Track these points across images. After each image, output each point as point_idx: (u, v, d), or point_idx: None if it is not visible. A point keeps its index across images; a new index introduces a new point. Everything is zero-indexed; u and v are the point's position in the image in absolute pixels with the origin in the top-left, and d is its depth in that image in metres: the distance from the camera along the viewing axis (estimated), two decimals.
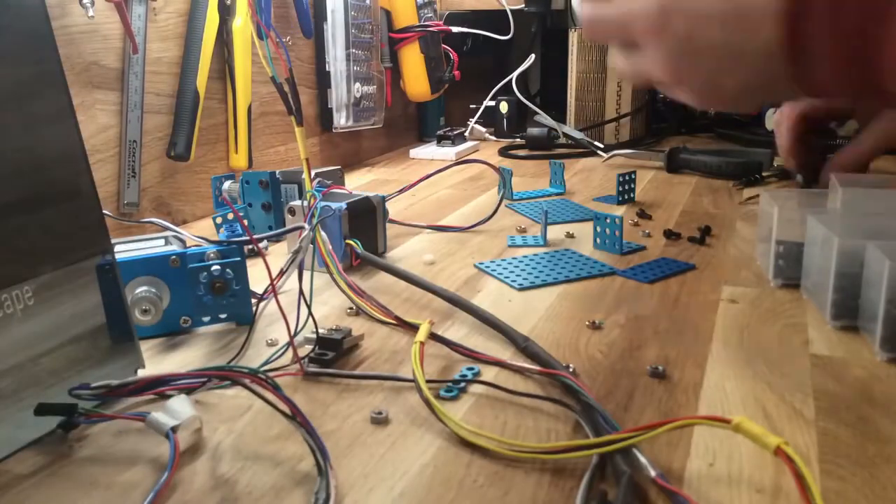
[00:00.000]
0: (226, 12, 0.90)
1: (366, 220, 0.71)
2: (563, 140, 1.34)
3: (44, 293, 0.42)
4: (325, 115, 1.16)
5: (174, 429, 0.40)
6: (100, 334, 0.46)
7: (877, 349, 0.50)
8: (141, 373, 0.48)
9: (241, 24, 0.91)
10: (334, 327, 0.52)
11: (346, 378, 0.49)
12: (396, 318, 0.55)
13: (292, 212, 0.70)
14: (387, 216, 0.76)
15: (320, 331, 0.51)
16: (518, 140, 1.41)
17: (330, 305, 0.62)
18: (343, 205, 0.68)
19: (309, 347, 0.51)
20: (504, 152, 1.32)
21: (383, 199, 0.73)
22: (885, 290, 0.48)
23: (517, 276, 0.67)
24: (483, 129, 1.47)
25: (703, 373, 0.48)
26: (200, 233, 0.86)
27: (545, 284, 0.65)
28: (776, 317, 0.57)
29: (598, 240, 0.73)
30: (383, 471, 0.39)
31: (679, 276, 0.66)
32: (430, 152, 1.32)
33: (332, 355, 0.50)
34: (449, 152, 1.30)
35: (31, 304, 0.42)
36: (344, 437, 0.42)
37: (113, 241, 0.55)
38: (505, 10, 1.42)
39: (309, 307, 0.51)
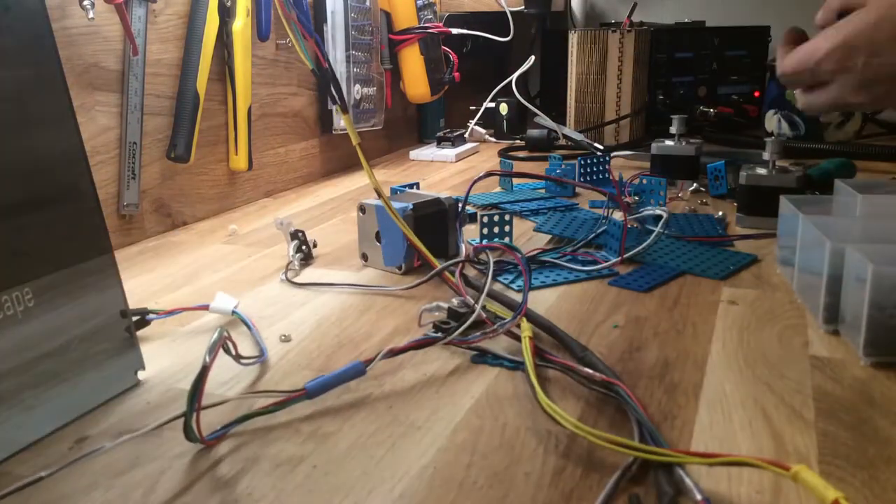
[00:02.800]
0: (226, 14, 0.90)
1: (435, 222, 0.70)
2: (562, 142, 1.34)
3: (44, 295, 0.43)
4: (325, 117, 1.16)
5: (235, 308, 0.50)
6: (100, 336, 0.46)
7: (860, 354, 0.50)
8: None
9: (241, 25, 0.91)
10: (463, 300, 0.57)
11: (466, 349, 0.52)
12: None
13: (363, 209, 0.71)
14: (464, 220, 0.73)
15: (449, 303, 0.57)
16: (518, 141, 1.41)
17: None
18: (409, 205, 0.68)
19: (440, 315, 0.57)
20: (504, 154, 1.32)
21: (457, 202, 0.71)
22: (868, 293, 0.48)
23: (516, 277, 0.67)
24: (483, 131, 1.47)
25: (703, 374, 0.48)
26: (204, 235, 0.86)
27: (544, 286, 0.65)
28: (776, 318, 0.57)
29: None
30: (383, 472, 0.39)
31: (678, 278, 0.66)
32: (430, 154, 1.32)
33: (453, 325, 0.54)
34: (449, 154, 1.30)
35: (32, 306, 0.42)
36: (343, 438, 0.42)
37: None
38: (504, 12, 1.42)
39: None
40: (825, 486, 0.34)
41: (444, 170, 1.22)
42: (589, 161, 1.03)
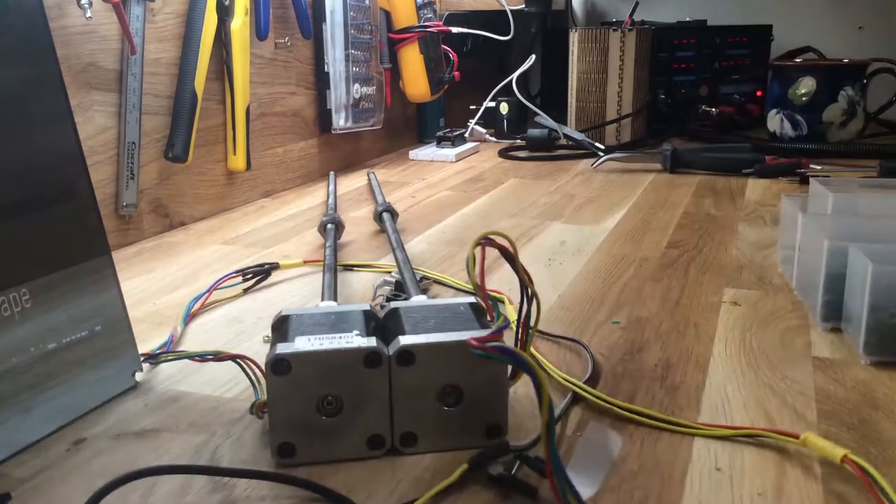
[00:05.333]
0: (224, 13, 0.90)
1: None
2: (563, 141, 1.33)
3: (41, 296, 0.42)
4: (325, 117, 1.16)
5: None
6: (97, 337, 0.46)
7: (861, 353, 0.50)
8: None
9: (240, 24, 0.91)
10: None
11: None
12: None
13: None
14: None
15: (395, 275, 0.60)
16: (518, 141, 1.41)
17: None
18: None
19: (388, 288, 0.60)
20: (504, 153, 1.32)
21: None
22: (868, 293, 0.48)
23: None
24: (483, 130, 1.47)
25: (705, 375, 0.48)
26: (202, 235, 0.85)
27: None
28: (778, 319, 0.57)
29: None
30: (382, 475, 0.38)
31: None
32: (429, 153, 1.31)
33: (404, 296, 0.57)
34: (449, 153, 1.30)
35: (29, 307, 0.42)
36: None
37: None
38: (505, 11, 1.42)
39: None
40: (833, 446, 0.38)
41: (443, 170, 1.22)
42: None
